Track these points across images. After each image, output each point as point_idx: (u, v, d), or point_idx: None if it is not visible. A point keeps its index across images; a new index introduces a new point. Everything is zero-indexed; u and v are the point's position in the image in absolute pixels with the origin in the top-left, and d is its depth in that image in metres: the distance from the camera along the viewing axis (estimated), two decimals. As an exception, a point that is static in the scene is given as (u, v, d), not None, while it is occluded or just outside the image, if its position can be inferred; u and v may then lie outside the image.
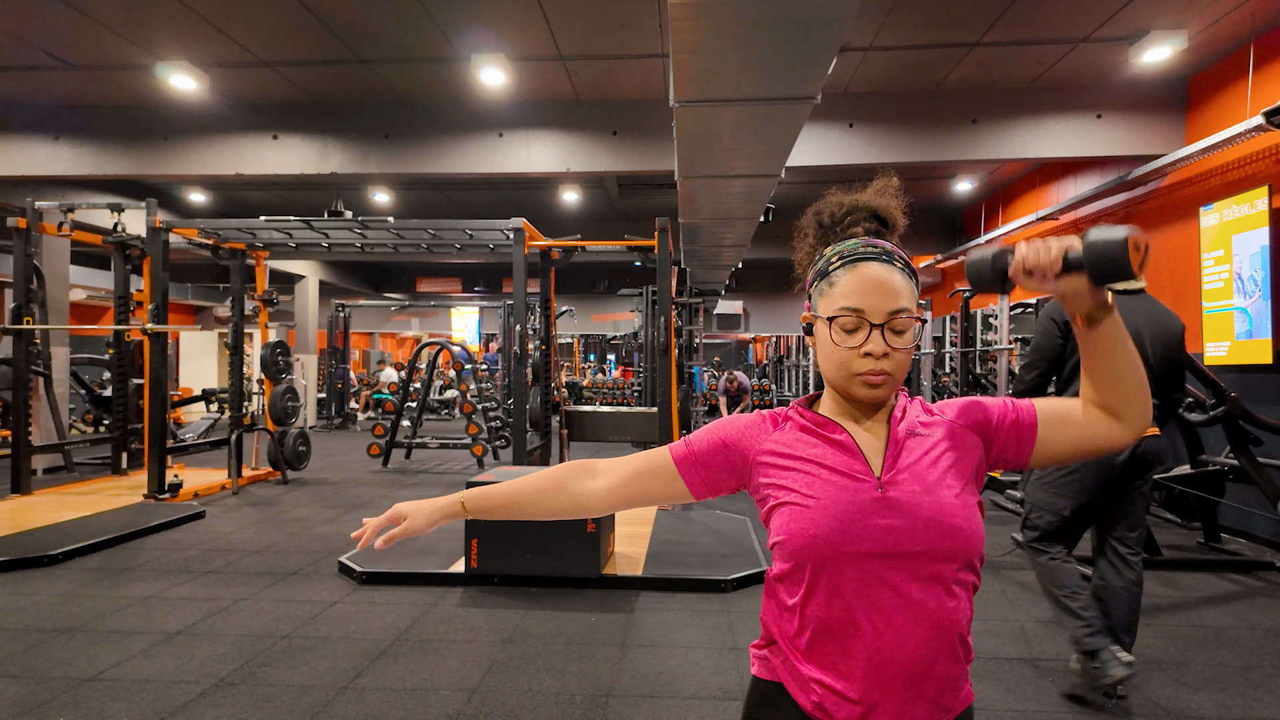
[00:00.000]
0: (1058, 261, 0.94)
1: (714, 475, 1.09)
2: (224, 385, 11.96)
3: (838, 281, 1.01)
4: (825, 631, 0.97)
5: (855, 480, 0.98)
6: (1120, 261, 0.90)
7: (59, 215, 6.81)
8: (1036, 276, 0.95)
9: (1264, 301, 4.98)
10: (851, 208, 1.09)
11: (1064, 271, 0.94)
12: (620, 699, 2.80)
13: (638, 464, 1.13)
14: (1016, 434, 1.03)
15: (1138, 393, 0.99)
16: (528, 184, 9.80)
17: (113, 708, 2.68)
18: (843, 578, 0.95)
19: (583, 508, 1.15)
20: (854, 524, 0.95)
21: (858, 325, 0.98)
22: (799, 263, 1.14)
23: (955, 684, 0.97)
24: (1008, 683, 2.97)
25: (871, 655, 0.94)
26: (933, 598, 0.94)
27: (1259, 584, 4.28)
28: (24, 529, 5.08)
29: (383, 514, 1.16)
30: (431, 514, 1.15)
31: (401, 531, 1.14)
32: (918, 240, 11.17)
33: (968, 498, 0.98)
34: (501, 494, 1.17)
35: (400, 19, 5.17)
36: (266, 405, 7.69)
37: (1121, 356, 0.97)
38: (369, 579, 4.18)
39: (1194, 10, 4.92)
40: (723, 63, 3.65)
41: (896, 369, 0.99)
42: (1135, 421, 0.99)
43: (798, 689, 1.00)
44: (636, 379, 14.35)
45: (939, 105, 6.28)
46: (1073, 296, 0.95)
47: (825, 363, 1.02)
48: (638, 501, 1.14)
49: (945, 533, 0.94)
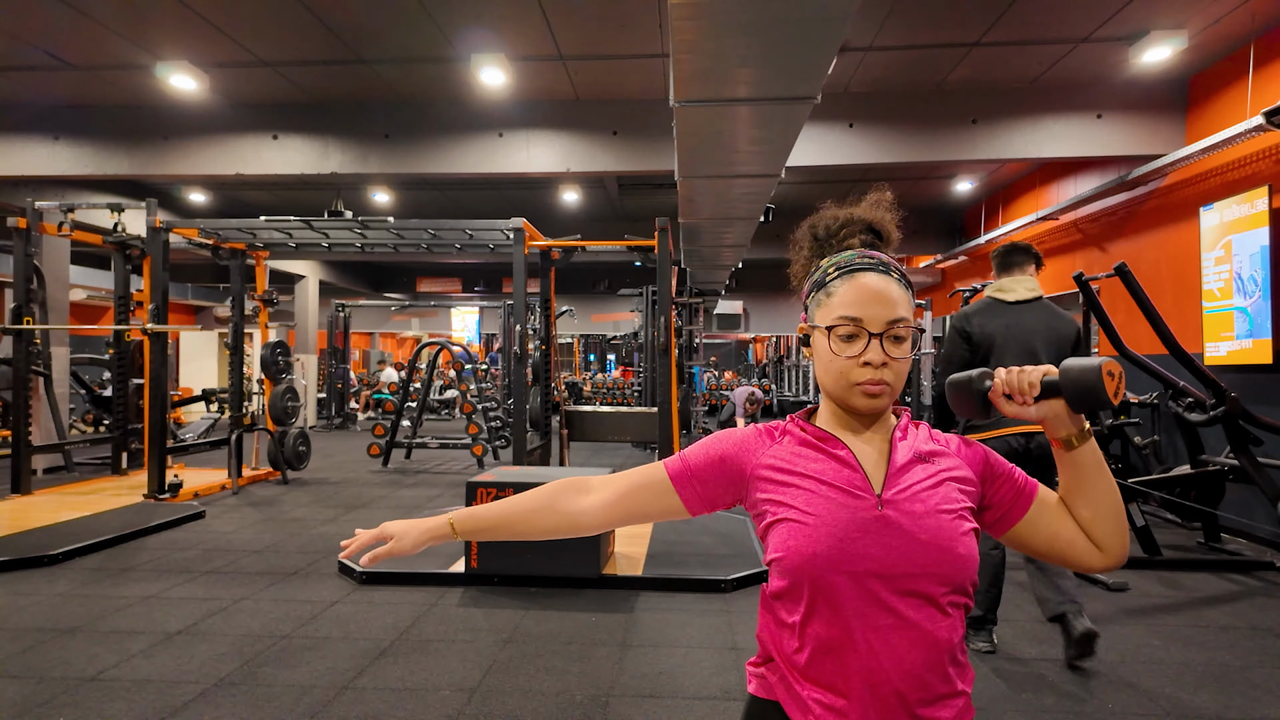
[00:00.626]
0: (1035, 386, 0.98)
1: (710, 491, 1.08)
2: (224, 385, 11.97)
3: (835, 292, 1.01)
4: (823, 650, 0.96)
5: (855, 497, 0.97)
6: (1095, 388, 0.94)
7: (59, 215, 6.81)
8: (1016, 401, 0.99)
9: (1264, 301, 4.98)
10: (847, 220, 1.09)
11: (1042, 396, 0.99)
12: (620, 699, 2.80)
13: (632, 480, 1.11)
14: (1012, 500, 1.04)
15: (1116, 523, 1.01)
16: (528, 184, 9.80)
17: (113, 708, 2.68)
18: (841, 596, 0.94)
19: (576, 526, 1.13)
20: (853, 542, 0.94)
21: (856, 334, 0.98)
22: (794, 275, 1.14)
23: (951, 703, 0.96)
24: (1008, 683, 2.97)
25: (868, 674, 0.93)
26: (927, 618, 0.94)
27: (1259, 584, 4.28)
28: (24, 529, 5.08)
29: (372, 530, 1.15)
30: (419, 536, 1.14)
31: (387, 551, 1.13)
32: (918, 240, 11.18)
33: (965, 524, 0.98)
34: (491, 515, 1.15)
35: (400, 19, 5.17)
36: (266, 405, 7.69)
37: (1101, 485, 1.01)
38: (369, 579, 4.18)
39: (1194, 10, 4.92)
40: (723, 63, 3.65)
41: (895, 379, 0.99)
42: (1113, 553, 1.02)
43: (795, 708, 0.99)
44: (636, 379, 14.35)
45: (939, 105, 6.28)
46: (1052, 421, 1.00)
47: (824, 373, 1.02)
48: (633, 518, 1.12)
49: (943, 556, 0.94)
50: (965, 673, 0.99)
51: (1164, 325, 4.42)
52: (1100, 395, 0.94)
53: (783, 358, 20.56)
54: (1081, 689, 2.91)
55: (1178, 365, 4.54)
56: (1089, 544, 1.03)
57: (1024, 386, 0.98)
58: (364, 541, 1.15)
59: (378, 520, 5.78)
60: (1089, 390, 0.95)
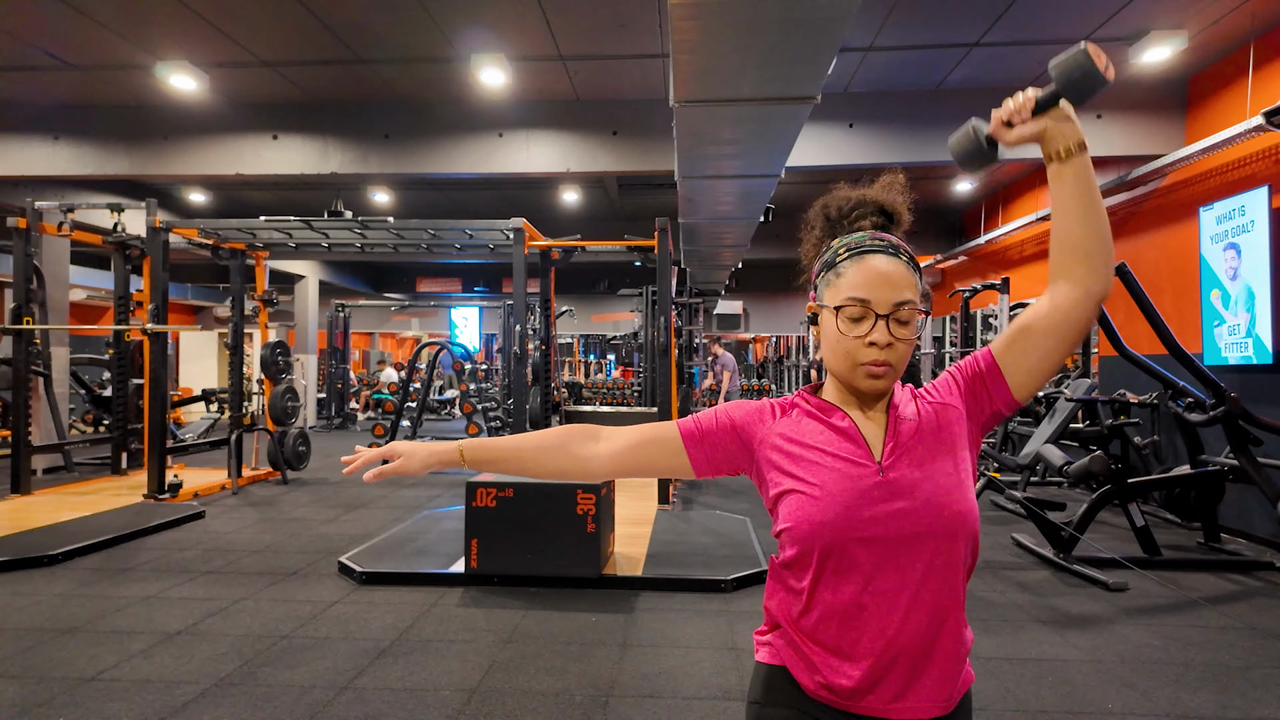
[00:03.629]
0: (1031, 100, 0.99)
1: (718, 455, 1.11)
2: (224, 385, 11.96)
3: (844, 272, 1.03)
4: (831, 614, 0.99)
5: (857, 465, 1.00)
6: (1089, 69, 0.94)
7: (59, 215, 6.81)
8: (1016, 123, 1.00)
9: (1264, 302, 4.98)
10: (859, 202, 1.11)
11: (1038, 111, 0.99)
12: (620, 699, 2.80)
13: (643, 434, 1.14)
14: (985, 382, 1.06)
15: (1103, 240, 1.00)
16: (528, 184, 9.80)
17: (113, 708, 2.68)
18: (848, 561, 0.98)
19: (584, 470, 1.15)
20: (858, 510, 0.98)
21: (863, 315, 1.01)
22: (805, 254, 1.16)
23: (955, 663, 0.99)
24: (1008, 683, 2.97)
25: (875, 636, 0.97)
26: (932, 578, 0.97)
27: (1259, 584, 4.28)
28: (24, 529, 5.08)
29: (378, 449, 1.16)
30: (427, 457, 1.16)
31: (394, 469, 1.15)
32: (918, 240, 11.16)
33: (962, 475, 1.01)
34: (502, 447, 1.18)
35: (400, 19, 5.17)
36: (266, 405, 7.69)
37: (1096, 199, 1.00)
38: (369, 579, 4.18)
39: (1194, 10, 4.92)
40: (723, 63, 3.66)
41: (899, 360, 1.01)
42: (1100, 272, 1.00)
43: (802, 670, 1.02)
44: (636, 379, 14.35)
45: (939, 105, 6.28)
46: (1051, 133, 1.00)
47: (830, 352, 1.05)
48: (640, 471, 1.15)
49: (943, 515, 0.97)
50: (965, 632, 1.02)
51: (1164, 325, 4.42)
52: (1094, 72, 0.93)
53: (783, 358, 20.54)
54: (1081, 689, 2.91)
55: (1178, 365, 4.55)
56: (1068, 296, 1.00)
57: (1020, 105, 1.00)
58: (369, 458, 1.17)
59: (378, 519, 5.78)
60: (1083, 70, 0.94)
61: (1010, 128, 1.02)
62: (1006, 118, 1.01)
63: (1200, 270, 5.59)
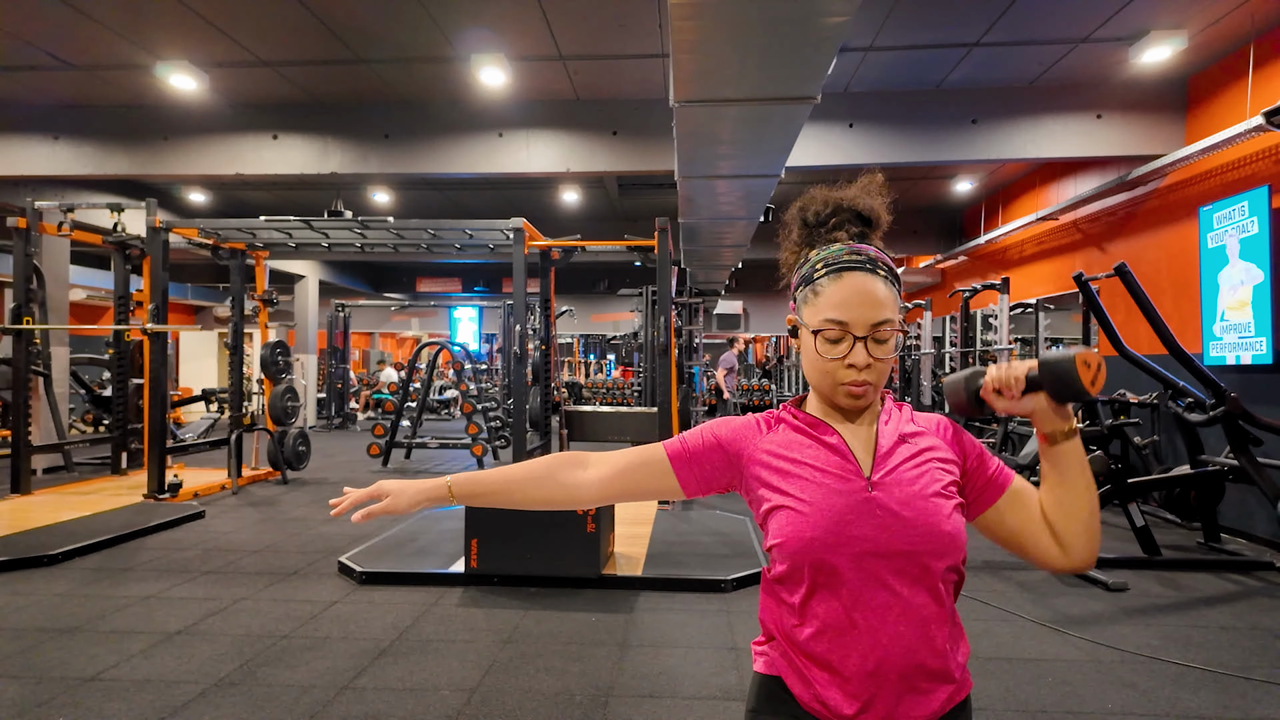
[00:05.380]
0: (1021, 381, 1.01)
1: (707, 474, 1.11)
2: (224, 385, 11.96)
3: (822, 291, 1.03)
4: (823, 627, 0.99)
5: (845, 480, 1.01)
6: (1069, 377, 0.96)
7: (59, 215, 6.81)
8: (1005, 396, 1.02)
9: (1264, 301, 4.98)
10: (836, 207, 1.10)
11: (1028, 390, 1.01)
12: (620, 699, 2.80)
13: (631, 458, 1.14)
14: (983, 486, 1.07)
15: (1087, 525, 1.03)
16: (528, 184, 9.80)
17: (113, 708, 2.68)
18: (838, 576, 0.98)
19: (573, 498, 1.14)
20: (847, 525, 0.98)
21: (841, 337, 1.01)
22: (784, 261, 1.16)
23: (946, 676, 0.99)
24: (1008, 683, 2.97)
25: (866, 651, 0.97)
26: (921, 594, 0.97)
27: (1259, 584, 4.28)
28: (24, 529, 5.08)
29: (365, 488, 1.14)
30: (415, 495, 1.13)
31: (382, 509, 1.13)
32: (918, 240, 11.17)
33: (950, 502, 1.01)
34: (490, 480, 1.16)
35: (400, 19, 5.16)
36: (266, 405, 7.69)
37: (1080, 484, 1.03)
38: (369, 579, 4.18)
39: (1194, 10, 4.91)
40: (723, 63, 3.65)
41: (878, 378, 1.02)
42: (1077, 555, 1.04)
43: (797, 683, 1.02)
44: (636, 379, 14.35)
45: (939, 105, 6.28)
46: (1040, 415, 1.02)
47: (810, 370, 1.05)
48: (629, 495, 1.14)
49: (932, 533, 0.97)
50: (960, 645, 1.02)
51: (1164, 325, 4.42)
52: (1075, 384, 0.96)
53: (782, 358, 20.55)
54: (1082, 689, 2.91)
55: (1178, 365, 4.55)
56: (1053, 543, 1.04)
57: (1010, 381, 1.01)
58: (356, 499, 1.14)
59: (377, 519, 5.77)
60: (1063, 379, 0.97)
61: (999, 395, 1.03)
62: (997, 387, 1.03)
63: (1200, 270, 5.59)
